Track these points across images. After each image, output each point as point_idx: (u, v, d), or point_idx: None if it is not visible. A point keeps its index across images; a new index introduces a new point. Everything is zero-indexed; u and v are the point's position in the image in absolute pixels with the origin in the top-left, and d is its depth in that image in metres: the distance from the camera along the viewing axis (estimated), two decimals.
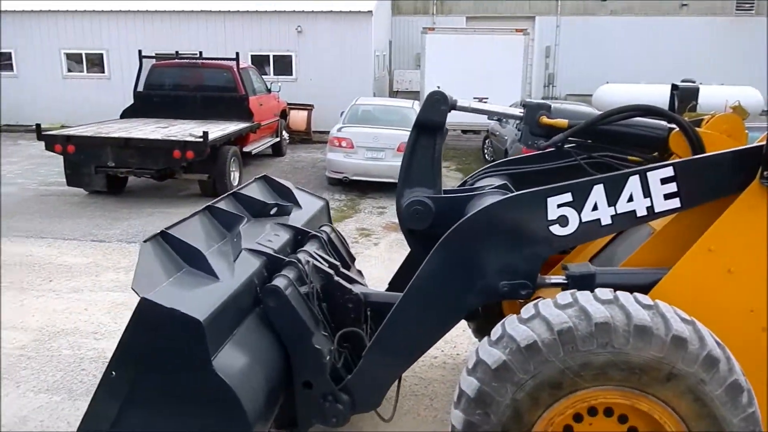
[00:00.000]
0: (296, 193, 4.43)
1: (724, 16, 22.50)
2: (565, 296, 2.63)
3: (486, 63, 15.86)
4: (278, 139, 14.08)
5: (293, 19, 17.73)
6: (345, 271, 3.79)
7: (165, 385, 2.68)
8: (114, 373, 2.64)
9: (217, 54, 14.14)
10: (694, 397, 2.44)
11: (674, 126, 3.27)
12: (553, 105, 3.46)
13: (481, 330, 4.16)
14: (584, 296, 2.59)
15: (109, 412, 2.66)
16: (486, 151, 14.18)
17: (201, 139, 9.00)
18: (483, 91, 15.64)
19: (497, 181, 3.74)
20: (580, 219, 2.81)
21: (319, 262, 3.57)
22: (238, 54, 12.27)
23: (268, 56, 18.03)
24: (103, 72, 18.36)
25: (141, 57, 12.15)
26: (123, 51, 17.75)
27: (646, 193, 2.79)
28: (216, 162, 9.70)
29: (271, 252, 3.43)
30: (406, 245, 3.76)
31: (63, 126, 13.50)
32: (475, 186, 3.83)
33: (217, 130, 10.07)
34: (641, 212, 2.81)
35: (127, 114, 11.92)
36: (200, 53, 13.95)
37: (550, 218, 2.82)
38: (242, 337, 2.92)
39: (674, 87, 3.45)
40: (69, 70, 18.53)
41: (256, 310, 3.11)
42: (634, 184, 2.79)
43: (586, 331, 2.45)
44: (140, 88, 12.04)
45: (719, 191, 2.81)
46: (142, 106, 11.92)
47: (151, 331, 2.60)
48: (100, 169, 9.43)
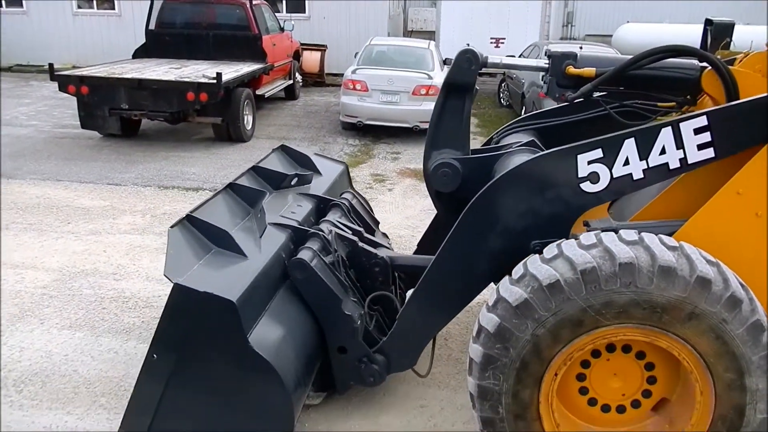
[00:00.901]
0: (315, 160, 4.49)
1: None
2: (589, 237, 2.64)
3: (504, 1, 15.38)
4: (291, 81, 13.84)
5: None
6: (369, 236, 3.84)
7: (205, 365, 2.81)
8: (156, 356, 2.76)
9: None
10: (716, 335, 2.49)
11: (706, 65, 3.16)
12: (579, 53, 3.36)
13: None
14: (609, 237, 2.60)
15: (155, 392, 2.79)
16: (502, 95, 13.91)
17: (214, 81, 8.88)
18: (500, 31, 15.22)
19: (524, 138, 3.69)
20: (611, 175, 2.79)
21: (342, 230, 3.63)
22: None
23: None
24: (113, 9, 18.01)
25: None
26: None
27: (679, 144, 2.74)
28: (230, 105, 9.59)
29: (295, 224, 3.52)
30: (420, 191, 3.78)
31: (74, 66, 13.36)
32: (502, 144, 3.78)
33: (230, 71, 9.90)
34: (674, 164, 2.77)
35: (139, 54, 11.74)
36: None
37: (580, 175, 2.80)
38: (275, 311, 3.03)
39: (708, 22, 3.32)
40: (79, 7, 18.20)
41: (287, 283, 3.21)
42: (666, 136, 2.74)
43: (609, 271, 2.48)
44: (152, 26, 11.80)
45: (755, 139, 2.74)
46: (153, 46, 11.73)
47: (187, 316, 2.71)
48: (114, 112, 9.37)
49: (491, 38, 15.69)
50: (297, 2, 17.65)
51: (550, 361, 2.62)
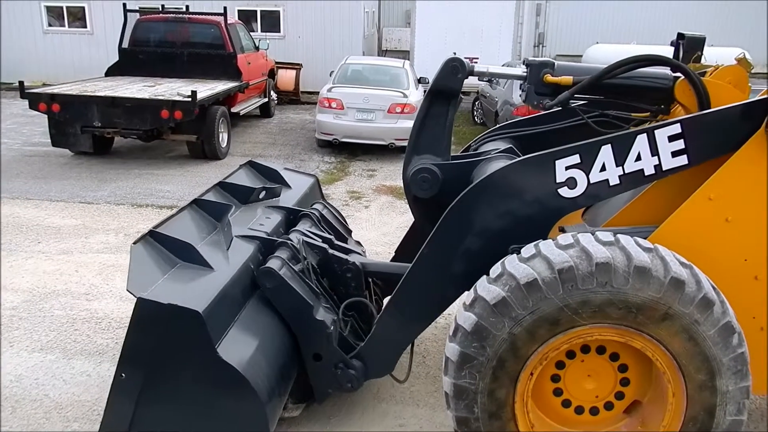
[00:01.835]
0: (284, 173, 4.46)
1: None
2: (566, 237, 2.68)
3: (477, 21, 15.64)
4: (266, 99, 13.87)
5: None
6: (340, 243, 3.82)
7: (175, 379, 2.75)
8: (123, 375, 2.70)
9: (202, 8, 13.81)
10: (688, 336, 2.54)
11: (680, 75, 3.24)
12: (557, 62, 3.41)
13: None
14: (586, 237, 2.65)
15: (125, 412, 2.73)
16: (476, 113, 14.09)
17: (189, 99, 8.84)
18: (473, 51, 15.44)
19: (502, 145, 3.73)
20: (589, 180, 2.84)
21: (312, 238, 3.61)
22: (225, 9, 11.98)
23: (255, 11, 17.63)
24: (85, 26, 17.86)
25: (125, 11, 11.81)
26: (106, 4, 17.21)
27: (654, 151, 2.80)
28: (204, 123, 9.55)
29: (263, 235, 3.48)
30: (397, 208, 3.79)
31: (45, 84, 13.20)
32: (480, 151, 3.81)
33: (205, 89, 9.89)
34: (649, 171, 2.83)
35: (112, 71, 11.64)
36: (186, 7, 13.61)
37: (558, 181, 2.84)
38: (245, 321, 2.98)
39: (680, 36, 3.42)
40: (49, 25, 18.00)
41: (257, 294, 3.18)
42: (641, 142, 2.80)
43: (586, 271, 2.52)
44: (125, 44, 11.74)
45: (727, 146, 2.82)
46: (127, 63, 11.64)
47: (153, 329, 2.65)
48: (86, 129, 9.25)
49: (464, 57, 15.89)
50: (272, 21, 17.72)
51: (526, 360, 2.63)
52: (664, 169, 2.83)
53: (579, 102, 3.55)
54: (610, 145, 2.81)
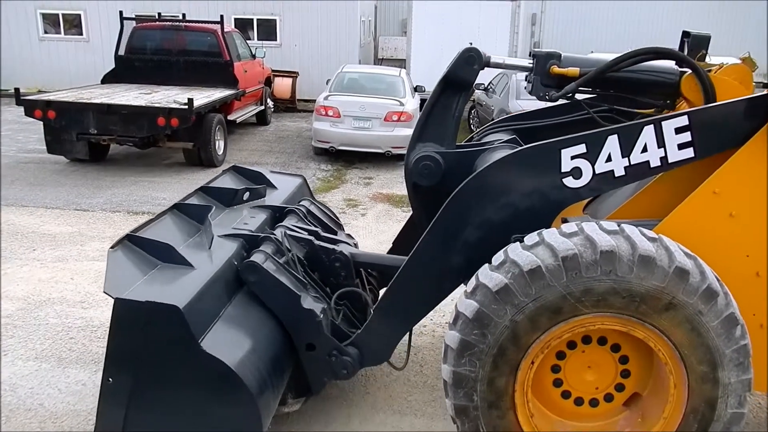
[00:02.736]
0: (270, 176, 4.42)
1: None
2: (570, 226, 2.67)
3: (473, 30, 15.69)
4: (263, 107, 13.86)
5: None
6: (327, 235, 3.80)
7: (162, 379, 2.71)
8: (111, 380, 2.66)
9: (198, 17, 13.82)
10: (691, 327, 2.54)
11: (686, 70, 3.24)
12: (564, 54, 3.38)
13: None
14: (590, 226, 2.63)
15: (116, 417, 2.69)
16: (472, 121, 14.13)
17: (186, 106, 8.83)
18: None
19: (505, 137, 3.70)
20: (594, 171, 2.82)
21: (297, 232, 3.58)
22: (222, 17, 12.00)
23: (251, 20, 17.66)
24: (81, 34, 17.85)
25: (122, 18, 11.81)
26: (102, 11, 17.23)
27: (660, 143, 2.79)
28: (201, 130, 9.55)
29: (246, 233, 3.45)
30: (394, 216, 3.78)
31: (40, 91, 13.16)
32: (483, 141, 3.78)
33: (201, 96, 9.88)
34: (655, 163, 2.81)
35: (108, 79, 11.63)
36: (183, 15, 13.62)
37: (563, 170, 2.82)
38: (231, 316, 2.95)
39: (685, 34, 3.40)
40: (45, 32, 17.98)
41: (243, 289, 3.15)
42: (648, 134, 2.79)
43: (590, 259, 2.50)
44: (122, 52, 11.73)
45: (733, 140, 2.81)
46: (123, 71, 11.62)
47: (134, 330, 2.61)
48: (82, 136, 9.22)
49: None
50: (268, 30, 17.76)
51: (527, 349, 2.62)
52: (670, 161, 2.81)
53: (584, 97, 3.52)
54: (616, 136, 2.80)
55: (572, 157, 2.81)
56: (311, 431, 3.51)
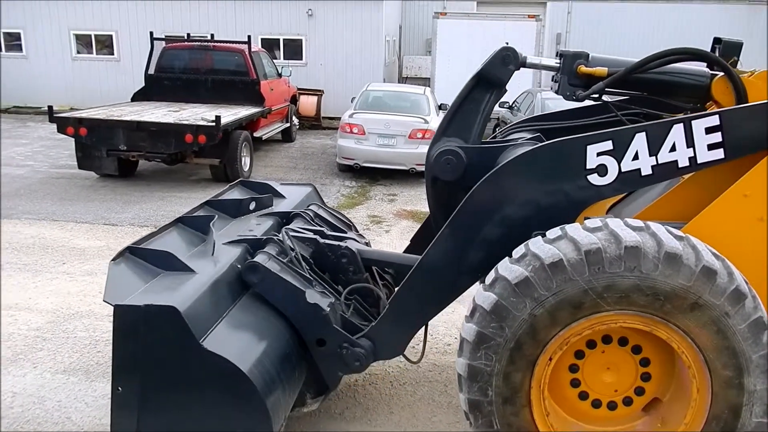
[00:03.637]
0: (277, 186, 4.39)
1: (738, 3, 22.18)
2: (594, 221, 2.60)
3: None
4: (288, 124, 14.02)
5: (304, 2, 17.59)
6: (333, 233, 3.78)
7: (169, 381, 2.69)
8: (120, 389, 2.65)
9: (226, 36, 14.08)
10: (717, 329, 2.44)
11: (717, 73, 3.16)
12: (592, 54, 3.32)
13: None
14: (615, 222, 2.57)
15: (129, 425, 2.68)
16: None
17: (213, 124, 8.97)
18: None
19: (529, 136, 3.64)
20: (620, 169, 2.75)
21: (302, 233, 3.57)
22: (249, 37, 12.21)
23: (278, 40, 17.94)
24: (112, 54, 18.29)
25: (152, 39, 12.10)
26: (133, 32, 17.67)
27: (690, 142, 2.71)
28: (227, 147, 9.67)
29: (250, 237, 3.44)
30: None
31: (72, 108, 13.45)
32: (507, 139, 3.72)
33: (228, 114, 10.03)
34: (683, 163, 2.74)
35: (138, 97, 11.89)
36: (212, 36, 13.88)
37: (588, 167, 2.76)
38: (235, 316, 2.93)
39: (717, 40, 3.32)
40: (78, 52, 18.46)
41: (249, 292, 3.13)
42: (677, 132, 2.72)
43: (614, 254, 2.44)
44: (151, 71, 11.99)
45: (765, 142, 2.73)
46: (152, 89, 11.87)
47: (136, 335, 2.60)
48: (112, 153, 9.42)
49: None
50: (294, 49, 18.01)
51: (545, 344, 2.55)
52: (698, 161, 2.74)
53: (613, 99, 3.45)
54: (644, 133, 2.73)
55: (598, 154, 2.74)
56: None
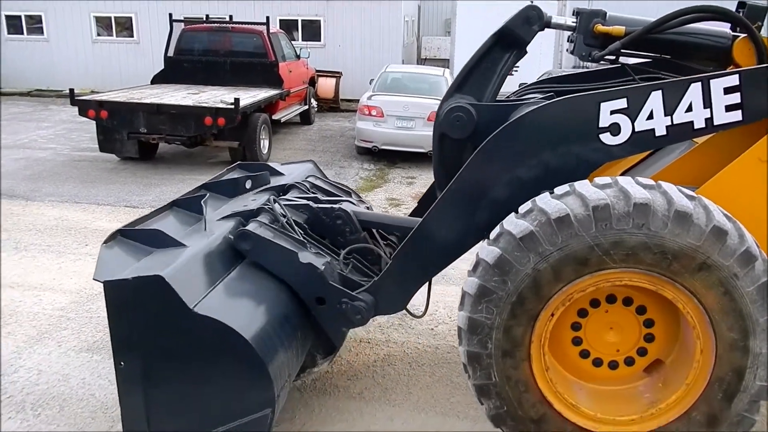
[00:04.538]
0: (277, 166, 4.38)
1: None
2: (604, 179, 2.56)
3: None
4: (307, 107, 14.00)
5: None
6: (327, 198, 3.76)
7: (168, 351, 2.71)
8: (122, 363, 2.69)
9: (245, 18, 14.04)
10: (724, 290, 2.41)
11: (738, 35, 3.05)
12: (609, 12, 3.20)
13: None
14: (625, 179, 2.53)
15: (137, 398, 2.72)
16: None
17: (232, 106, 8.98)
18: None
19: (541, 96, 3.54)
20: (633, 128, 2.67)
21: (295, 201, 3.57)
22: (268, 18, 12.17)
23: (296, 21, 17.85)
24: (132, 36, 18.37)
25: (171, 21, 12.10)
26: (152, 14, 17.70)
27: (707, 103, 2.62)
28: (246, 129, 9.69)
29: (243, 210, 3.45)
30: None
31: (93, 91, 13.59)
32: (520, 98, 3.65)
33: (247, 96, 10.04)
34: (699, 124, 2.65)
35: (158, 79, 11.93)
36: (230, 17, 13.85)
37: (601, 125, 2.68)
38: (229, 284, 2.94)
39: (741, 5, 3.20)
40: (98, 35, 18.57)
41: (244, 262, 3.14)
42: (695, 92, 2.63)
43: (623, 210, 2.40)
44: (171, 53, 12.01)
45: None
46: (172, 72, 11.91)
47: (128, 309, 2.63)
48: (132, 135, 9.48)
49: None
50: (313, 31, 17.93)
51: (548, 300, 2.53)
52: (715, 123, 2.64)
53: (632, 61, 3.33)
54: (660, 92, 2.64)
55: (612, 112, 2.66)
56: (353, 431, 3.50)
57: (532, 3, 3.33)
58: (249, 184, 3.93)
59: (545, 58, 15.57)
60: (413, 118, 10.33)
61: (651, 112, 2.65)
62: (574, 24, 3.22)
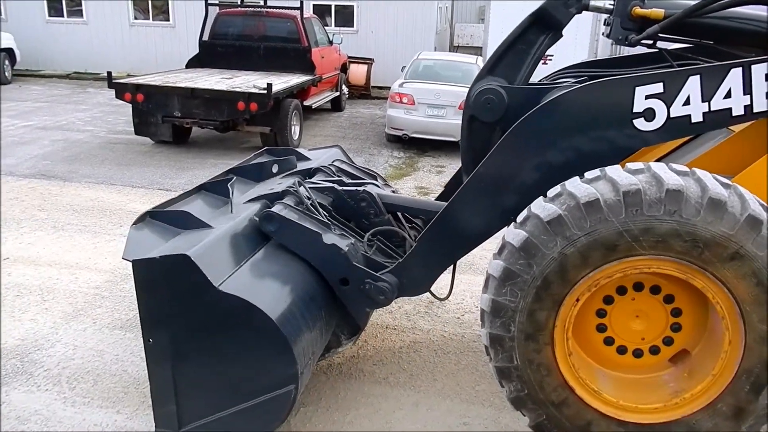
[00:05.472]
0: (304, 152, 4.42)
1: None
2: (637, 164, 2.51)
3: None
4: (338, 93, 14.02)
5: None
6: (352, 181, 3.79)
7: (194, 328, 2.77)
8: (151, 340, 2.76)
9: (279, 3, 14.09)
10: (757, 281, 2.36)
11: None
12: None
13: None
14: (658, 165, 2.48)
15: (165, 374, 2.79)
16: None
17: (265, 92, 9.05)
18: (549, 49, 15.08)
19: (574, 81, 3.51)
20: (669, 114, 2.59)
21: (320, 184, 3.60)
22: (302, 3, 12.18)
23: (329, 6, 17.84)
24: (168, 20, 18.58)
25: (207, 4, 12.19)
26: None
27: (747, 89, 2.53)
28: (278, 115, 9.76)
29: (269, 193, 3.49)
30: None
31: (129, 75, 13.82)
32: (553, 82, 3.60)
33: (280, 82, 10.10)
34: (738, 111, 2.56)
35: (192, 64, 12.06)
36: (265, 1, 13.91)
37: (635, 110, 2.62)
38: (255, 264, 2.99)
39: None
40: (135, 18, 18.83)
41: (270, 243, 3.19)
42: (734, 78, 2.53)
43: (654, 196, 2.35)
44: (205, 37, 12.13)
45: None
46: (206, 56, 12.03)
47: (156, 288, 2.69)
48: (167, 119, 9.63)
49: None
50: (346, 16, 17.89)
51: (574, 285, 2.50)
52: (755, 110, 2.55)
53: (673, 46, 3.26)
54: (698, 77, 2.55)
55: (647, 97, 2.58)
56: (376, 415, 3.54)
57: None
58: (275, 169, 3.98)
59: (580, 47, 15.27)
60: (444, 106, 10.27)
61: (688, 98, 2.57)
62: (612, 6, 3.14)
